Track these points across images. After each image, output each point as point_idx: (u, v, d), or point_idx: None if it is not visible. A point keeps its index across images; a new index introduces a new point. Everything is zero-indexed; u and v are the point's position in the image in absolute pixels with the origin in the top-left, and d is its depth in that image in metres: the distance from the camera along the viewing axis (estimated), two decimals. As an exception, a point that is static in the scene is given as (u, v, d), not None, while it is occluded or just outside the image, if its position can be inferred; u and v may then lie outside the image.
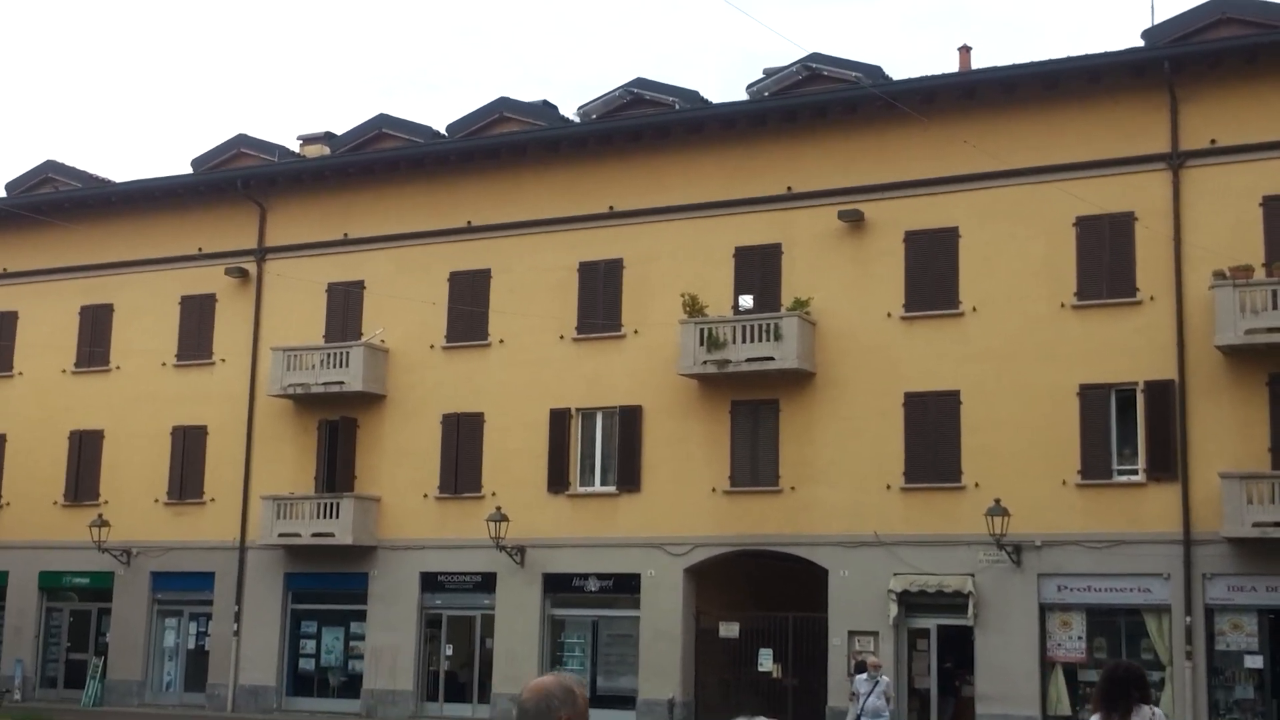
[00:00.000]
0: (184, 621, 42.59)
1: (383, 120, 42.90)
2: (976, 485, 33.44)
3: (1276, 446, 31.16)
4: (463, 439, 39.20)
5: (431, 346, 40.06)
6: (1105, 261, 33.29)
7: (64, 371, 44.85)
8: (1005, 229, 34.21)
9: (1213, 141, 32.58)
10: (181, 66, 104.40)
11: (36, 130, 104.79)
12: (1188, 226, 32.43)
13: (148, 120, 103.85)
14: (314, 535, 39.52)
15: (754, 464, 36.05)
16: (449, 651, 39.29)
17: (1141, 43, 34.44)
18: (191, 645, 42.36)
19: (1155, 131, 33.11)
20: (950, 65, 42.75)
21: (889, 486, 34.42)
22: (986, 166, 34.11)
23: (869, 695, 25.98)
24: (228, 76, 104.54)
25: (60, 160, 48.00)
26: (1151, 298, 32.69)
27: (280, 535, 39.96)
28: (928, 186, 35.19)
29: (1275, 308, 30.56)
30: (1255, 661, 31.03)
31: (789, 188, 36.65)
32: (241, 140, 45.02)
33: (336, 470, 40.72)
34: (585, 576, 37.49)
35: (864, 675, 26.61)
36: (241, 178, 43.16)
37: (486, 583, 38.47)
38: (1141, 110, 33.37)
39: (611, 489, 37.55)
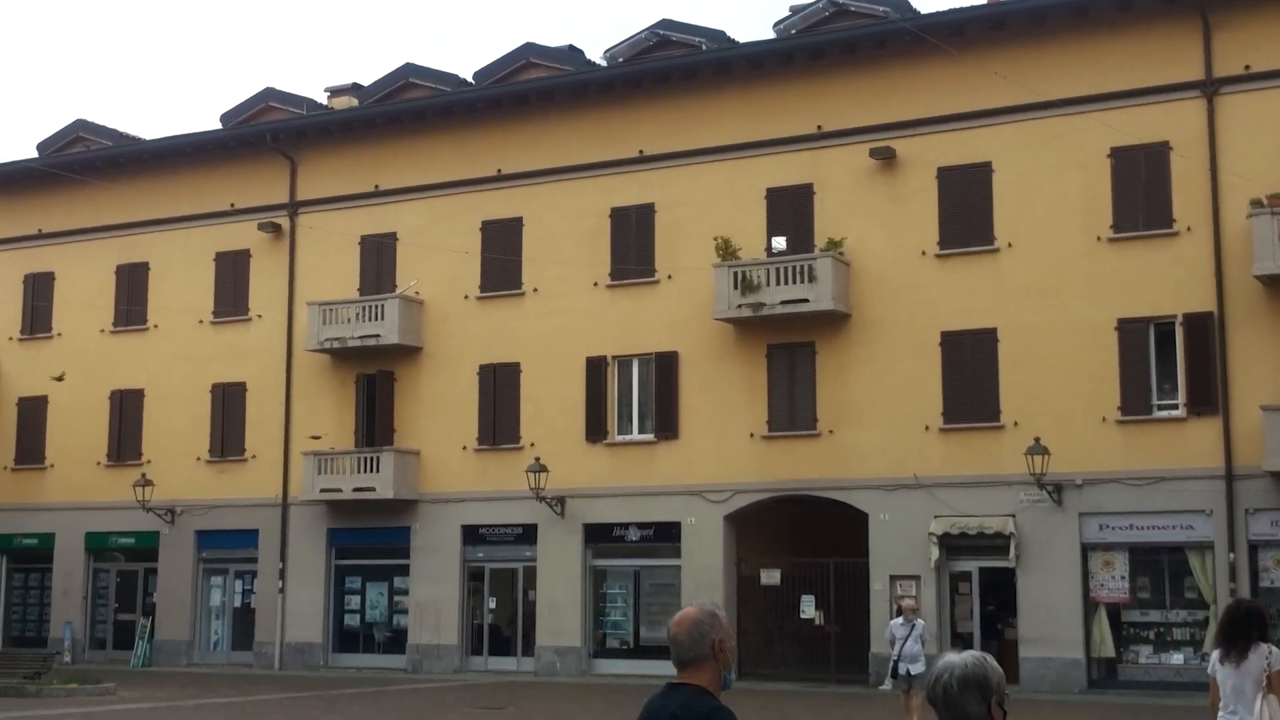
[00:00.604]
0: (229, 580, 42.85)
1: (409, 70, 42.59)
2: (1016, 424, 33.07)
3: (1319, 378, 30.64)
4: (500, 389, 39.08)
5: (466, 297, 39.88)
6: (1141, 193, 32.71)
7: (102, 331, 44.97)
8: (1039, 162, 33.65)
9: (1247, 67, 31.87)
10: (206, 21, 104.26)
11: (65, 90, 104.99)
12: (1223, 155, 31.80)
13: (175, 76, 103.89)
14: (355, 490, 39.57)
15: (791, 408, 35.77)
16: (492, 604, 39.34)
17: (1174, -33, 33.68)
18: (238, 603, 42.66)
19: (1188, 59, 32.43)
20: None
21: (927, 428, 34.09)
22: (1018, 99, 33.54)
23: (906, 639, 25.59)
24: (253, 30, 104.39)
25: (90, 119, 47.94)
26: (1189, 228, 32.12)
27: (322, 491, 40.03)
28: (959, 121, 34.64)
29: (1315, 236, 29.94)
30: (1299, 598, 30.67)
31: (819, 126, 36.15)
32: (269, 94, 44.82)
33: (375, 424, 40.71)
34: (625, 526, 37.40)
35: (900, 620, 26.32)
36: (271, 131, 42.99)
37: (527, 534, 38.45)
38: (1174, 37, 32.69)
39: (649, 437, 37.38)
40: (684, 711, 5.48)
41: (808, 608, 35.64)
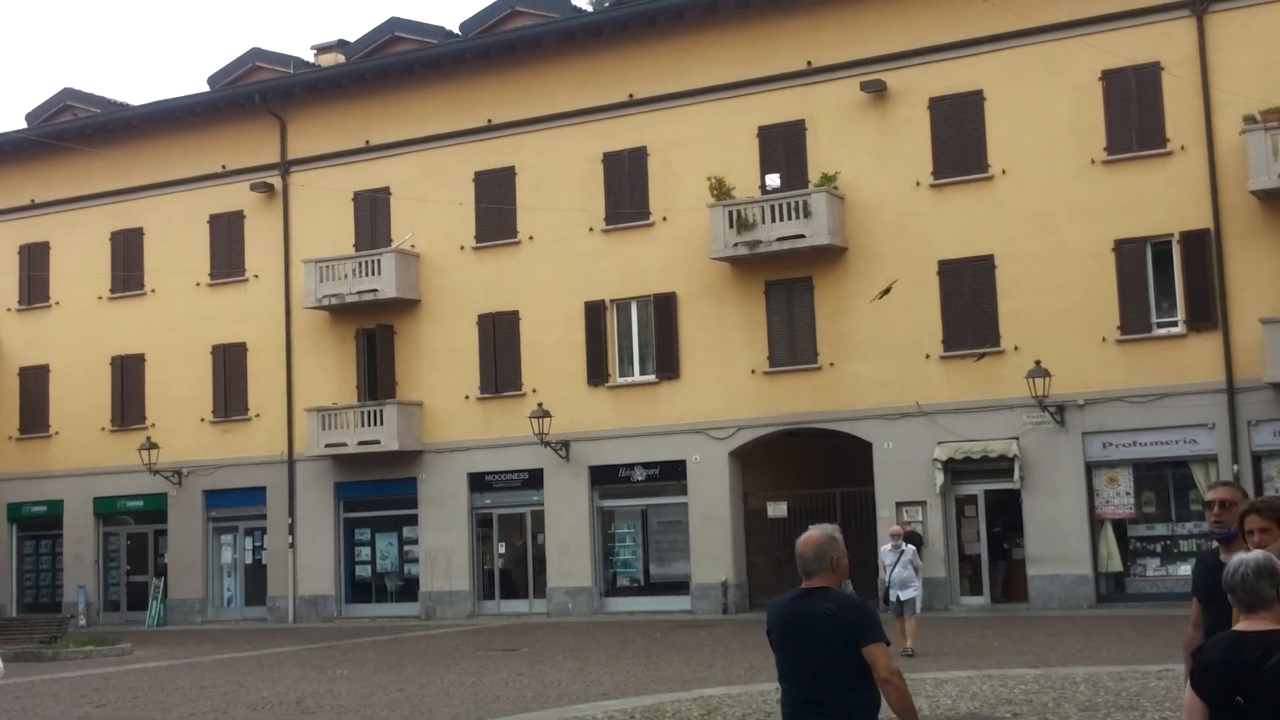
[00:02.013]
0: (239, 537, 43.14)
1: (395, 24, 42.63)
2: (1016, 348, 33.39)
3: (1316, 288, 30.99)
4: (500, 338, 39.29)
5: (461, 248, 40.04)
6: (1133, 114, 32.94)
7: (100, 298, 45.08)
8: (1030, 88, 33.87)
9: (1237, -17, 32.07)
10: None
11: (51, 59, 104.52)
12: (1215, 73, 32.04)
13: (160, 41, 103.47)
14: (360, 444, 39.81)
15: (791, 343, 36.05)
16: (501, 549, 39.68)
17: (1158, -112, 33.81)
18: (249, 560, 42.96)
19: (1178, -23, 32.61)
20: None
21: (928, 356, 34.39)
22: (1007, 26, 33.73)
23: (895, 566, 25.30)
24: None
25: (77, 88, 48.01)
26: (1182, 147, 32.38)
27: (327, 446, 40.28)
28: (949, 51, 34.82)
29: (1308, 149, 30.22)
30: (1305, 506, 30.99)
31: (809, 62, 36.31)
32: (256, 54, 44.82)
33: (377, 378, 40.93)
34: (631, 466, 37.69)
35: (888, 546, 25.96)
36: (259, 91, 42.99)
37: (534, 479, 38.73)
38: (1162, -43, 32.84)
39: (651, 378, 37.64)
40: (837, 604, 7.03)
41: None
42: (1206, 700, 5.78)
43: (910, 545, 26.15)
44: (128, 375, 44.31)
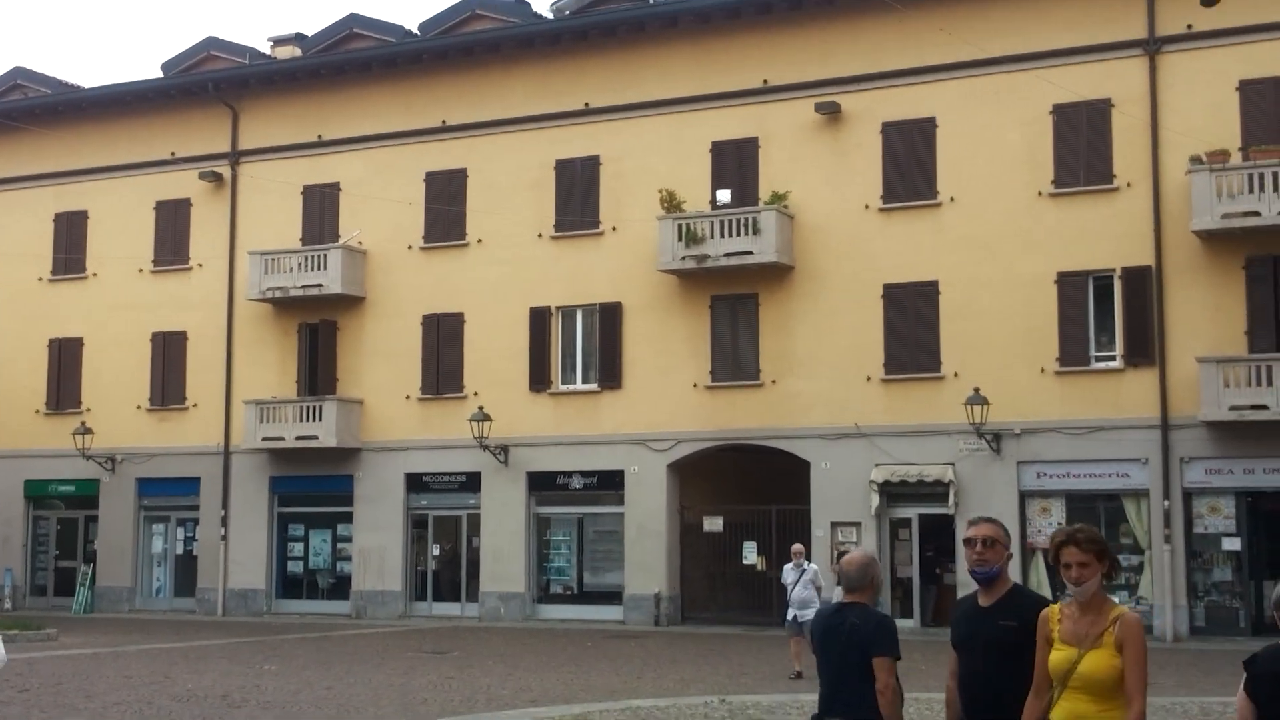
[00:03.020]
0: (171, 527, 42.86)
1: (353, 20, 42.52)
2: (956, 375, 33.65)
3: (1253, 330, 31.43)
4: (443, 339, 39.25)
5: (409, 247, 39.99)
6: (1082, 149, 33.29)
7: (40, 280, 44.71)
8: (982, 118, 34.16)
9: (1189, 27, 32.42)
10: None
11: (3, 38, 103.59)
12: (1164, 112, 32.43)
13: (115, 24, 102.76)
14: (298, 438, 39.67)
15: (735, 358, 36.19)
16: (436, 551, 39.62)
17: (1117, -73, 34.20)
18: (180, 550, 42.68)
19: (1131, 17, 32.99)
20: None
21: (869, 378, 34.61)
22: (963, 56, 34.02)
23: (795, 585, 24.75)
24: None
25: (29, 67, 47.55)
26: (1129, 184, 32.74)
27: (264, 439, 40.11)
28: (904, 77, 35.08)
29: (1251, 192, 30.66)
30: (1233, 544, 31.43)
31: (765, 81, 36.50)
32: (211, 43, 44.62)
33: (318, 373, 40.80)
34: (569, 474, 37.73)
35: (790, 565, 25.29)
36: (213, 80, 42.79)
37: (471, 482, 38.70)
38: (1117, -4, 33.22)
39: (593, 386, 37.70)
40: (861, 619, 8.12)
41: (750, 554, 36.15)
42: (1258, 704, 6.40)
43: (813, 565, 25.66)
44: (65, 359, 43.96)
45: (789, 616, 24.83)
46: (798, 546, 26.38)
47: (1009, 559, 7.65)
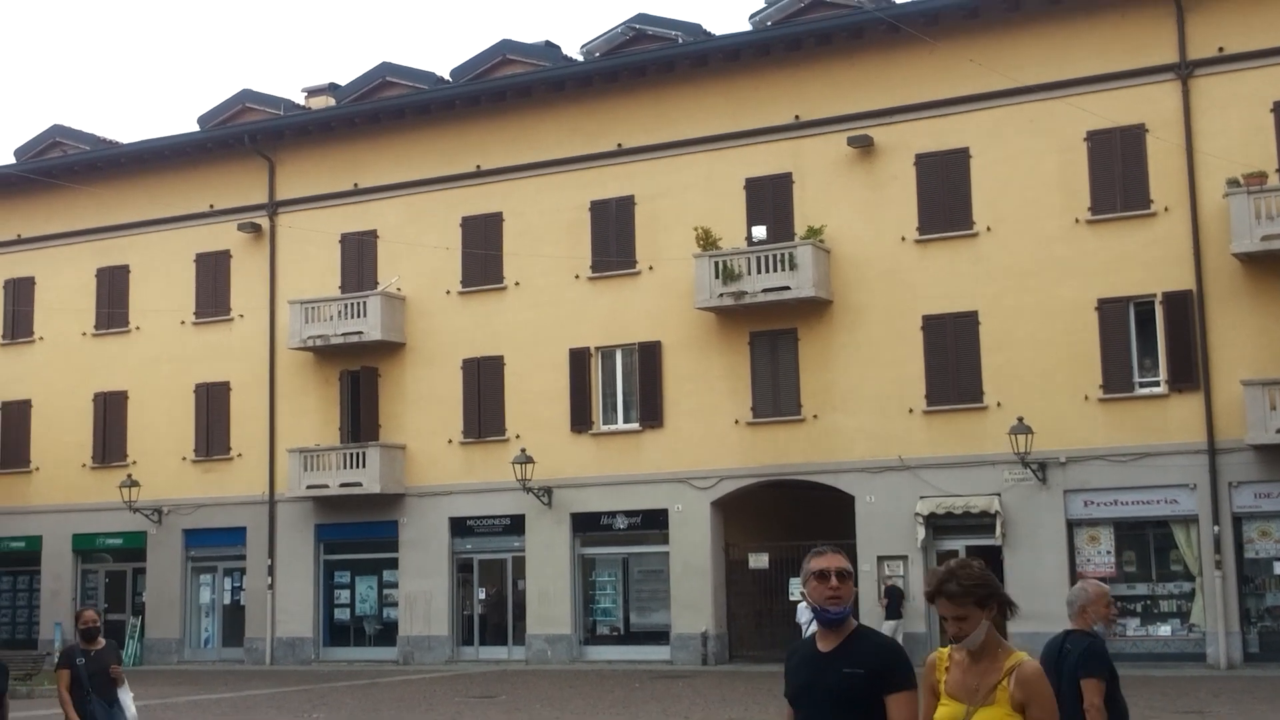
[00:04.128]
0: (218, 577, 43.04)
1: (386, 69, 42.79)
2: (999, 405, 33.53)
3: (1297, 352, 31.21)
4: (484, 383, 39.36)
5: (448, 292, 40.14)
6: (1118, 175, 33.21)
7: (84, 334, 45.07)
8: (1016, 147, 34.13)
9: (1220, 49, 32.41)
10: (182, 23, 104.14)
11: (41, 95, 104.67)
12: (1199, 136, 32.34)
13: (151, 79, 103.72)
14: (342, 486, 39.82)
15: (775, 394, 36.16)
16: (481, 595, 39.63)
17: (1145, -48, 34.19)
18: (227, 600, 42.84)
19: (1163, 42, 32.95)
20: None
21: (911, 410, 34.51)
22: (994, 85, 34.02)
23: (809, 625, 24.36)
24: (229, 31, 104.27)
25: (67, 124, 48.06)
26: (1166, 209, 32.63)
27: (309, 487, 40.27)
28: (936, 108, 35.09)
29: (1290, 213, 30.50)
30: (1285, 568, 31.20)
31: (797, 116, 36.55)
32: (246, 95, 44.95)
33: (360, 420, 40.95)
34: (613, 514, 37.74)
35: (804, 603, 23.96)
36: (249, 132, 43.13)
37: (515, 525, 38.74)
38: (1148, 21, 33.20)
39: (635, 426, 37.71)
40: (1072, 644, 9.29)
41: (796, 590, 36.00)
42: None
43: None
44: (110, 412, 44.27)
45: None
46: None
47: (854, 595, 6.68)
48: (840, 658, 6.45)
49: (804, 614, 25.01)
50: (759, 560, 36.56)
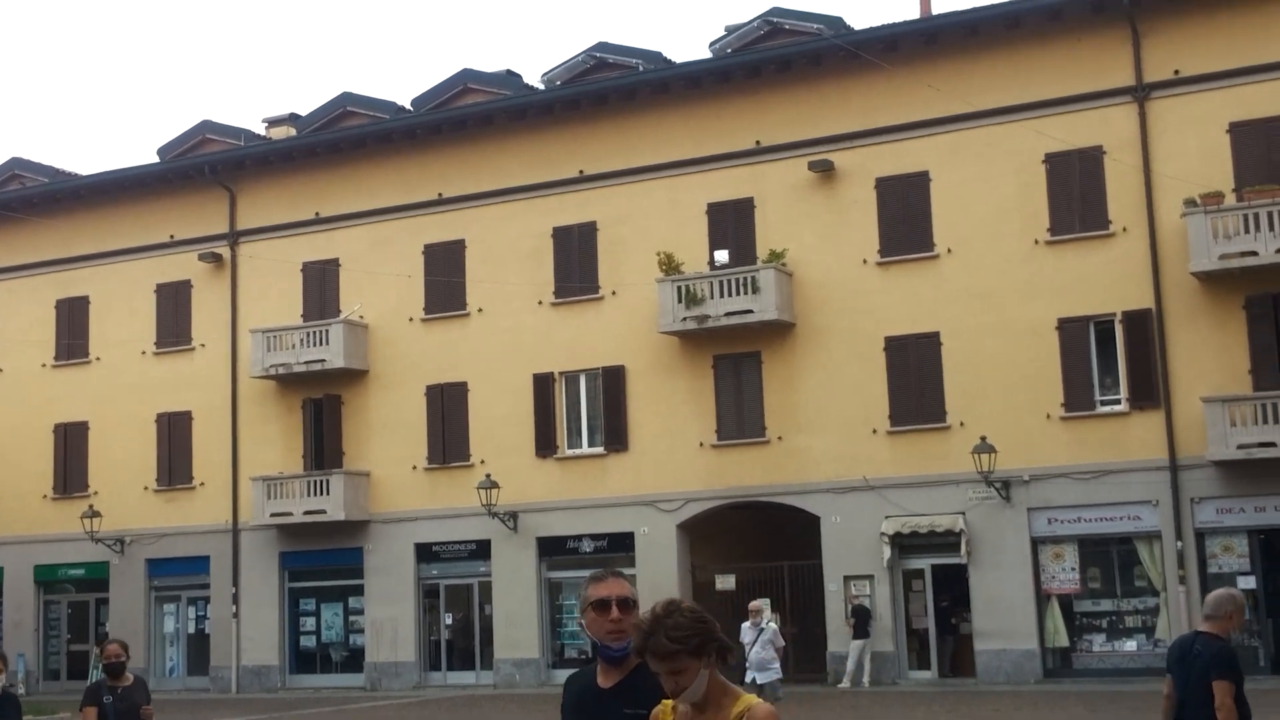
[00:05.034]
0: (182, 607, 42.86)
1: (347, 98, 42.91)
2: (962, 424, 33.86)
3: (1256, 368, 31.68)
4: (448, 409, 39.43)
5: (410, 319, 40.23)
6: (1076, 196, 33.68)
7: (44, 366, 44.88)
8: (975, 170, 34.54)
9: (1176, 72, 32.95)
10: (141, 55, 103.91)
11: (0, 128, 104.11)
12: (1156, 157, 32.82)
13: (110, 112, 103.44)
14: (306, 513, 39.76)
15: (739, 416, 36.39)
16: (448, 620, 39.64)
17: (1100, -23, 34.74)
18: (192, 630, 42.66)
19: (1119, 65, 33.45)
20: (911, 11, 42.96)
21: (875, 431, 34.81)
22: (953, 109, 34.43)
23: (753, 645, 23.94)
24: (187, 63, 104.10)
25: (25, 157, 47.91)
26: (1124, 229, 33.10)
27: (272, 515, 40.20)
28: (896, 133, 35.47)
29: (1247, 232, 31.02)
30: (1248, 582, 31.33)
31: (757, 142, 36.88)
32: (206, 126, 44.97)
33: (324, 447, 40.92)
34: (579, 538, 37.83)
35: (747, 624, 24.32)
36: (209, 163, 43.14)
37: (481, 550, 38.80)
38: (1104, 44, 33.69)
39: (599, 450, 37.86)
40: (1203, 646, 9.74)
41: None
42: None
43: (772, 624, 24.69)
44: (71, 443, 44.07)
45: (747, 680, 24.02)
46: (755, 604, 25.47)
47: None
48: (621, 695, 5.92)
49: (747, 634, 24.81)
50: (726, 582, 36.70)
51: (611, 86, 38.52)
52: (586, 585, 5.89)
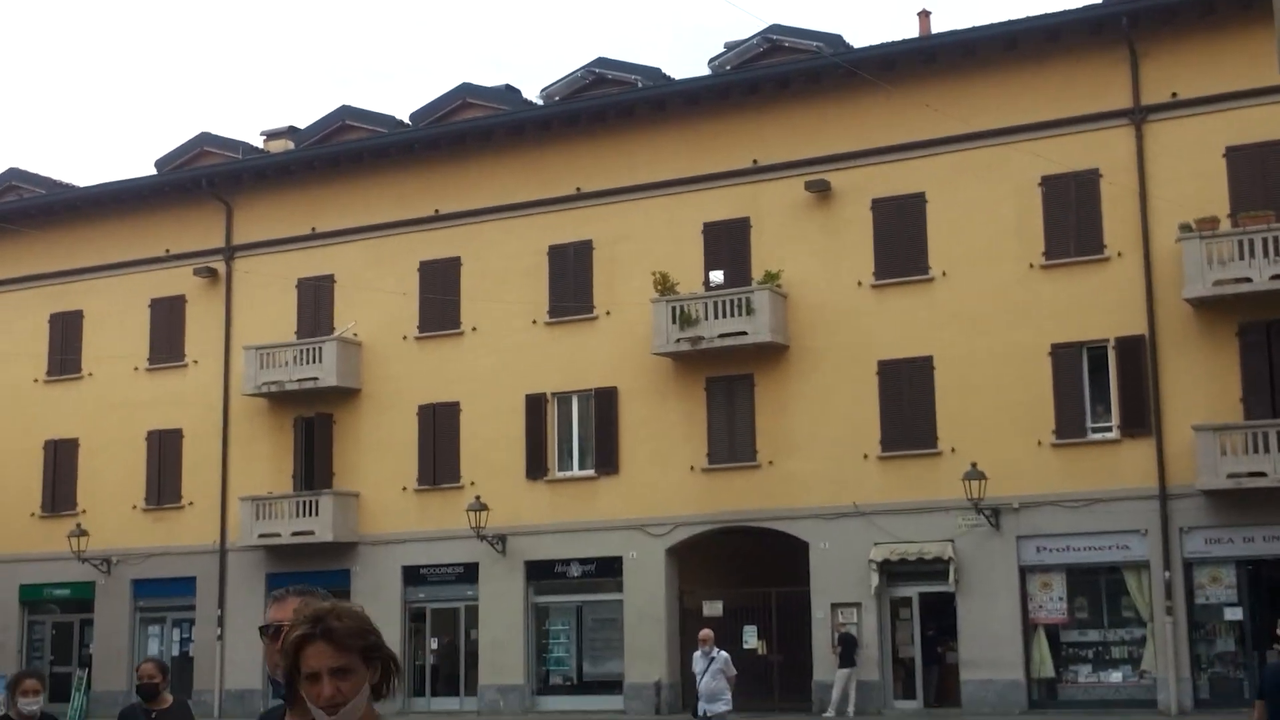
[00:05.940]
0: (167, 628, 42.35)
1: (345, 112, 42.62)
2: (953, 450, 33.27)
3: (1249, 397, 31.08)
4: (440, 429, 38.96)
5: (404, 337, 39.82)
6: (1072, 220, 33.13)
7: (36, 380, 44.54)
8: (971, 192, 34.03)
9: (1174, 95, 32.42)
10: (139, 67, 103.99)
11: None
12: (1152, 181, 32.27)
13: (109, 123, 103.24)
14: (294, 534, 39.30)
15: (731, 440, 35.85)
16: (434, 645, 39.09)
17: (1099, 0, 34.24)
18: (176, 652, 42.01)
19: (1116, 88, 32.95)
20: (910, 30, 42.53)
21: (866, 456, 34.24)
22: (950, 130, 33.93)
23: (704, 675, 23.20)
24: (186, 75, 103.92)
25: (23, 168, 47.70)
26: (1119, 254, 32.54)
27: (260, 536, 39.74)
28: (893, 153, 35.01)
29: (1242, 258, 30.49)
30: (1235, 614, 30.88)
31: (754, 161, 36.44)
32: (204, 139, 44.72)
33: (314, 467, 40.47)
34: (567, 562, 37.30)
35: (698, 653, 23.64)
36: (206, 176, 42.87)
37: (469, 573, 38.27)
38: (1102, 67, 33.20)
39: (590, 472, 37.35)
40: None
41: (750, 638, 35.54)
42: None
43: (723, 653, 23.94)
44: (60, 460, 43.67)
45: (699, 711, 23.38)
46: (705, 632, 24.65)
47: None
48: None
49: (698, 663, 24.00)
50: (713, 608, 36.04)
51: (609, 103, 38.16)
52: (287, 636, 4.52)
